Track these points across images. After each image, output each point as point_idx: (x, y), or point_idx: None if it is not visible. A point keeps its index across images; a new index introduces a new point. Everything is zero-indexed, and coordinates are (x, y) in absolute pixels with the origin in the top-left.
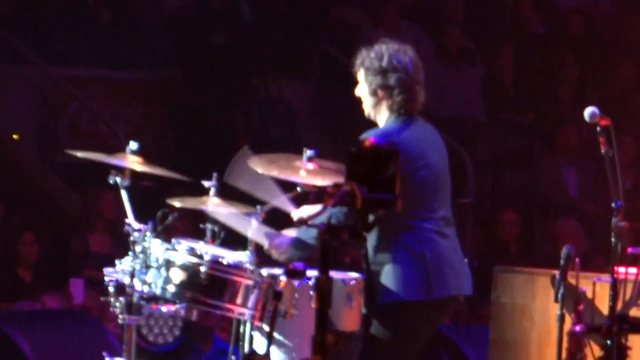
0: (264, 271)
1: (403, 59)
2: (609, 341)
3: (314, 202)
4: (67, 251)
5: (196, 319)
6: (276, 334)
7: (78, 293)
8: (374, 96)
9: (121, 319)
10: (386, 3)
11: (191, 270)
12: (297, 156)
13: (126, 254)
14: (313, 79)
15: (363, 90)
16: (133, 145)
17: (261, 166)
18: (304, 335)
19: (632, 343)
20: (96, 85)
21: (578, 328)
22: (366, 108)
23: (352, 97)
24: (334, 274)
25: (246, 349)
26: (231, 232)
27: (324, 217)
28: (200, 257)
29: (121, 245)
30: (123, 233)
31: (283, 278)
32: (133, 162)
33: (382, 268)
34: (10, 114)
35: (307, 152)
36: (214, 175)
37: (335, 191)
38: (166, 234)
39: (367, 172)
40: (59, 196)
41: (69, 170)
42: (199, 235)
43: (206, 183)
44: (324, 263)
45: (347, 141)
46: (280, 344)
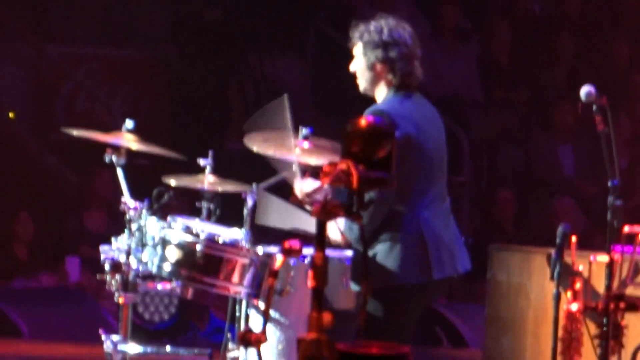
0: (260, 249)
1: (402, 33)
2: (605, 319)
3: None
4: (63, 229)
5: (192, 297)
6: (272, 312)
7: (74, 271)
8: (372, 70)
9: (117, 297)
10: None
11: (187, 248)
12: (292, 133)
13: (122, 232)
14: (308, 56)
15: (359, 64)
16: (129, 123)
17: (256, 144)
18: (300, 313)
19: (628, 321)
20: (92, 63)
21: (574, 306)
22: (362, 83)
23: (347, 74)
24: (330, 252)
25: (242, 327)
26: (227, 210)
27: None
28: (196, 235)
29: (117, 223)
30: (119, 211)
31: (279, 256)
32: (129, 141)
33: (380, 249)
34: (5, 92)
35: (303, 130)
36: (210, 153)
37: (331, 169)
38: (162, 212)
39: (363, 151)
40: (55, 174)
41: (65, 148)
42: (195, 213)
43: (202, 161)
44: (320, 241)
45: (343, 119)
46: (276, 322)
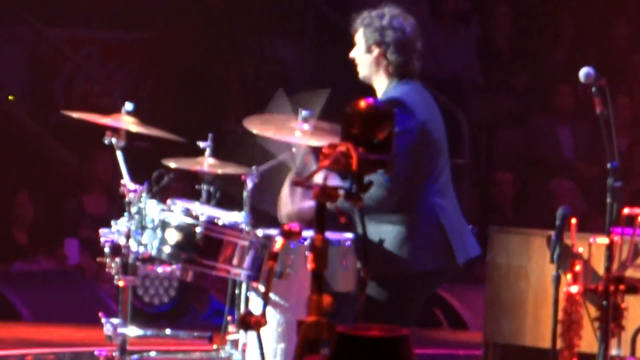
0: (260, 232)
1: (403, 23)
2: (605, 302)
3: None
4: (62, 212)
5: (192, 280)
6: (272, 295)
7: (73, 253)
8: (369, 53)
9: (117, 280)
10: None
11: (187, 231)
12: (293, 116)
13: (122, 215)
14: (308, 38)
15: (359, 49)
16: (128, 106)
17: (256, 127)
18: (300, 296)
19: (628, 304)
20: (91, 45)
21: (574, 289)
22: (361, 70)
23: (347, 56)
24: (330, 235)
25: (242, 310)
26: (226, 193)
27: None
28: (195, 218)
29: (117, 206)
30: (118, 194)
31: (279, 239)
32: (128, 123)
33: (392, 235)
34: (4, 75)
35: (303, 113)
36: (209, 135)
37: (330, 151)
38: (162, 195)
39: (363, 133)
40: (54, 157)
41: (64, 131)
42: (195, 196)
43: (201, 144)
44: (320, 224)
45: (343, 101)
46: (276, 305)
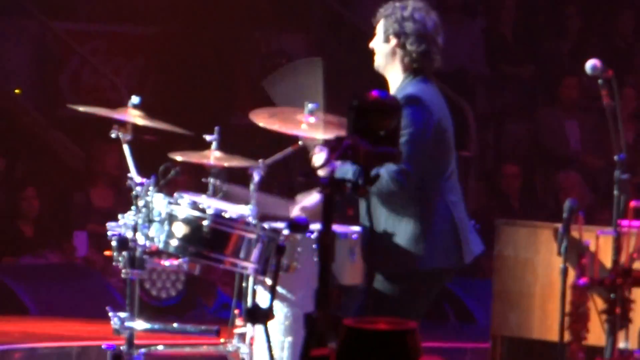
0: (267, 225)
1: (425, 17)
2: (613, 294)
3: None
4: (69, 206)
5: (199, 273)
6: (279, 288)
7: (81, 246)
8: (387, 43)
9: (124, 274)
10: None
11: (194, 224)
12: (299, 109)
13: (129, 209)
14: (314, 31)
15: (378, 40)
16: (135, 99)
17: (262, 120)
18: (307, 289)
19: (636, 296)
20: (97, 39)
21: (581, 281)
22: (377, 59)
23: (353, 49)
24: (337, 228)
25: (249, 303)
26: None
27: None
28: (202, 211)
29: (124, 199)
30: (125, 187)
31: (286, 232)
32: (135, 117)
33: (405, 232)
34: (11, 68)
35: (309, 106)
36: (216, 129)
37: (337, 144)
38: (168, 188)
39: (369, 126)
40: (61, 150)
41: (71, 124)
42: (201, 189)
43: (208, 137)
44: (327, 217)
45: (350, 94)
46: (283, 298)
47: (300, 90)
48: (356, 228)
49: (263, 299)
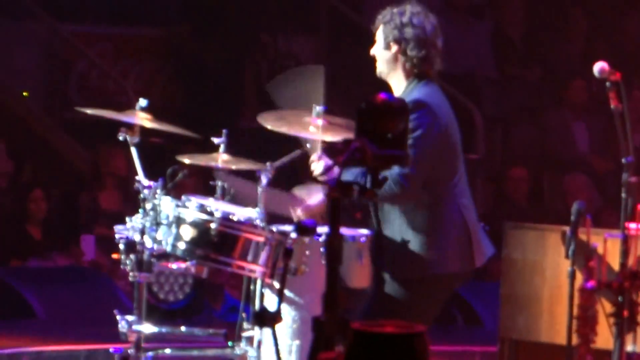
0: (274, 228)
1: (424, 21)
2: (620, 297)
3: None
4: (77, 209)
5: (207, 276)
6: (287, 292)
7: (89, 249)
8: (387, 49)
9: (132, 277)
10: None
11: (201, 227)
12: (307, 112)
13: (136, 212)
14: (322, 34)
15: (379, 47)
16: (142, 102)
17: (270, 122)
18: (315, 292)
19: None
20: (105, 41)
21: (589, 284)
22: (379, 66)
23: (362, 52)
24: (344, 231)
25: (257, 307)
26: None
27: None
28: (210, 214)
29: (131, 202)
30: (133, 190)
31: (293, 235)
32: (142, 119)
33: (417, 237)
34: (19, 71)
35: (317, 108)
36: (224, 131)
37: (345, 147)
38: (176, 191)
39: (377, 129)
40: (69, 153)
41: (79, 127)
42: (209, 192)
43: (216, 140)
44: (334, 220)
45: (357, 96)
46: (291, 301)
47: (303, 94)
48: (364, 231)
49: (271, 302)
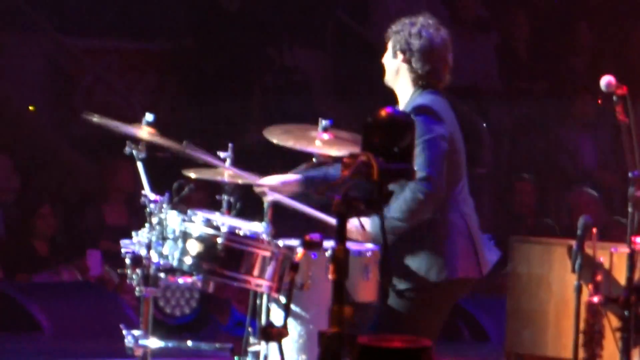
0: (281, 242)
1: (434, 33)
2: (627, 312)
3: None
4: (83, 223)
5: (213, 291)
6: (293, 306)
7: (95, 265)
8: (395, 58)
9: (138, 291)
10: None
11: (208, 241)
12: (313, 126)
13: (142, 226)
14: (328, 47)
15: (388, 55)
16: (149, 116)
17: (276, 137)
18: (321, 306)
19: None
20: (111, 56)
21: (596, 299)
22: (387, 74)
23: (367, 65)
24: (351, 245)
25: (263, 321)
26: (247, 203)
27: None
28: (216, 229)
29: (137, 217)
30: (139, 205)
31: (300, 249)
32: (149, 134)
33: (422, 245)
34: (25, 85)
35: (323, 122)
36: (229, 145)
37: (351, 161)
38: (182, 206)
39: (384, 142)
40: (75, 168)
41: (85, 141)
42: (215, 206)
43: (222, 154)
44: (341, 234)
45: (363, 110)
46: (297, 316)
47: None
48: (370, 245)
49: (277, 317)
